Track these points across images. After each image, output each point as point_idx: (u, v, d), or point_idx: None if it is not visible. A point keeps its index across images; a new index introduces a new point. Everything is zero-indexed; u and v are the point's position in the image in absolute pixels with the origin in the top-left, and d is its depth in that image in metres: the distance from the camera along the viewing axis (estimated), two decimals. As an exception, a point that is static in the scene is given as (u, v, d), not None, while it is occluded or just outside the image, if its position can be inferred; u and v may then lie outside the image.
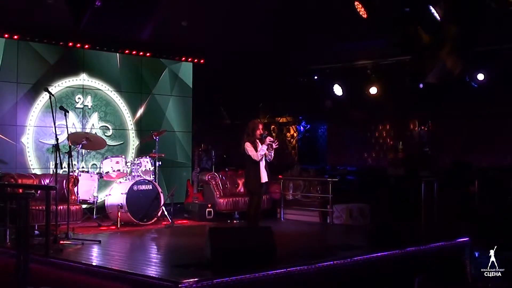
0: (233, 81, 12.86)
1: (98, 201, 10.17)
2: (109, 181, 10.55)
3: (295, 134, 14.76)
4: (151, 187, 10.06)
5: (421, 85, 11.98)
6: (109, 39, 11.38)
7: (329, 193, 10.81)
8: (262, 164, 8.43)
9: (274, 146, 8.51)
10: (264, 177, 8.46)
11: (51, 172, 9.71)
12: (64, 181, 8.83)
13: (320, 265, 6.77)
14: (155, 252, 8.22)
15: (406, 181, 10.99)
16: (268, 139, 8.39)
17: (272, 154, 8.55)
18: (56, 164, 8.00)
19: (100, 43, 11.42)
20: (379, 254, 7.51)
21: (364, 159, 13.76)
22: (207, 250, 6.69)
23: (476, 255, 8.12)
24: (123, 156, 10.43)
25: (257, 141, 8.47)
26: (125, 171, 10.20)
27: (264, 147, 8.40)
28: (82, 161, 10.46)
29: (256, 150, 8.38)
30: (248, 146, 8.37)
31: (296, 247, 8.46)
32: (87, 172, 10.39)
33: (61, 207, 8.47)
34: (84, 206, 9.79)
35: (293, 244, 8.60)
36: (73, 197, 9.07)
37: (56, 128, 8.00)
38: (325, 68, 13.75)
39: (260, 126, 8.55)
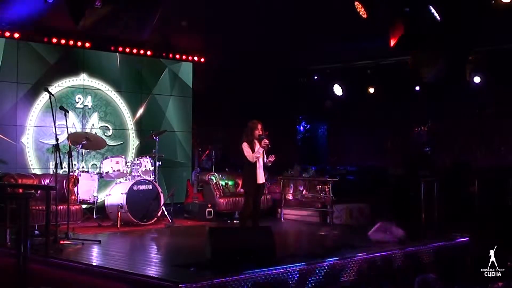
0: (233, 81, 12.84)
1: (98, 201, 10.17)
2: (109, 181, 10.55)
3: (295, 134, 14.76)
4: (151, 187, 10.06)
5: (417, 88, 12.03)
6: (109, 39, 11.37)
7: (329, 193, 10.81)
8: (259, 165, 8.30)
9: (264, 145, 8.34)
10: (260, 178, 8.34)
11: (51, 172, 9.68)
12: (64, 181, 8.82)
13: (320, 265, 6.78)
14: (155, 252, 8.22)
15: (406, 181, 10.99)
16: (264, 142, 8.27)
17: (271, 159, 8.40)
18: (56, 164, 7.99)
19: (100, 43, 11.41)
20: (379, 254, 7.52)
21: (364, 159, 13.76)
22: (207, 250, 6.70)
23: None
24: (123, 156, 10.43)
25: (255, 141, 8.39)
26: (125, 171, 10.20)
27: (261, 149, 8.30)
28: (82, 161, 10.45)
29: (253, 151, 8.29)
30: (245, 147, 8.26)
31: (296, 247, 8.47)
32: (87, 172, 10.38)
33: (61, 207, 8.45)
34: (84, 206, 9.79)
35: (293, 244, 8.61)
36: (73, 197, 9.06)
37: (56, 128, 8.00)
38: (325, 68, 13.77)
39: (259, 126, 8.39)
